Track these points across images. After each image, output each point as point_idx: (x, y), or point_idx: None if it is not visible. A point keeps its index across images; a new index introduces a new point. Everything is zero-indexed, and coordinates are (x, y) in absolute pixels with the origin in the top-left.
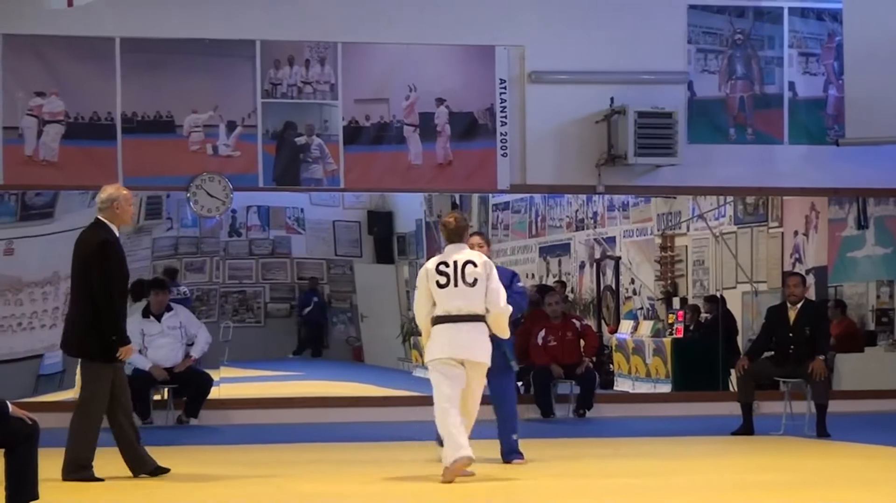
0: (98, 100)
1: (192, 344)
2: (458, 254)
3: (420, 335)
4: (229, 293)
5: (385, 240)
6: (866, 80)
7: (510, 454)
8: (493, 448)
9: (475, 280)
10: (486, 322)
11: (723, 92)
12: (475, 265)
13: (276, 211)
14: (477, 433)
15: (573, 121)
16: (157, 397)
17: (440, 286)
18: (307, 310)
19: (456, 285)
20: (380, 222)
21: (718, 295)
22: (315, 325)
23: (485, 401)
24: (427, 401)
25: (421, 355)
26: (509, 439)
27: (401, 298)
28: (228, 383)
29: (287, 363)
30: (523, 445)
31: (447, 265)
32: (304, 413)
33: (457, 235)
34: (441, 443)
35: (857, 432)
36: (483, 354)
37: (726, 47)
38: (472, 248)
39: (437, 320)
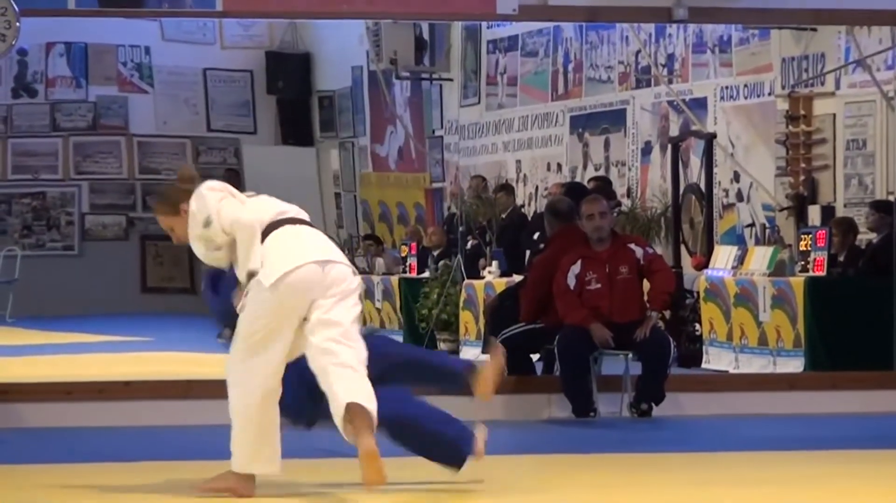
0: None
1: None
2: None
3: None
4: (15, 197)
5: (297, 103)
6: None
7: None
8: None
9: None
10: None
11: None
12: None
13: (101, 52)
14: None
15: None
16: None
17: None
18: None
19: None
20: (288, 73)
21: (893, 199)
22: None
23: None
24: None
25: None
26: None
27: (326, 206)
28: (13, 356)
29: (124, 322)
30: (533, 462)
31: None
32: (149, 407)
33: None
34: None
35: None
36: None
37: None
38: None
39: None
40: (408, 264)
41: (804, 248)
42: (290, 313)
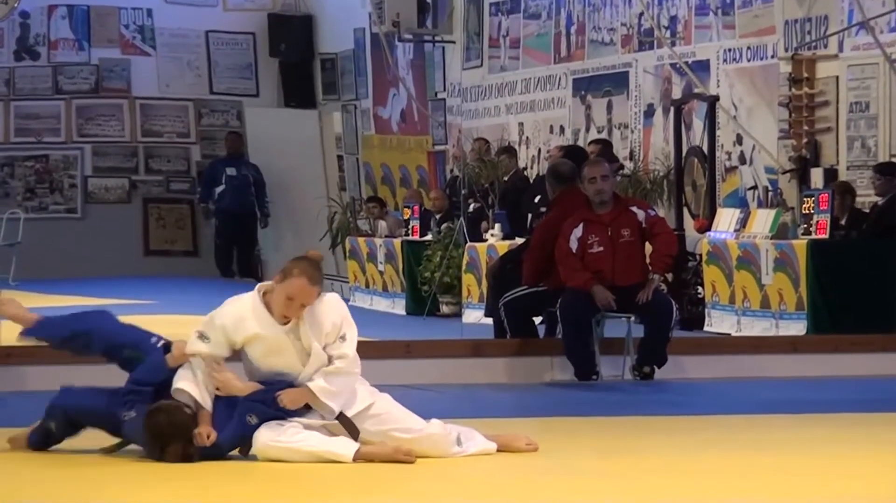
0: None
1: None
2: None
3: (359, 236)
4: (18, 160)
5: (300, 66)
6: None
7: None
8: None
9: None
10: None
11: None
12: None
13: (103, 14)
14: None
15: None
16: None
17: None
18: (219, 190)
19: None
20: (291, 35)
21: None
22: (236, 221)
23: None
24: (380, 350)
25: (363, 269)
26: None
27: (328, 169)
28: None
29: (126, 285)
30: (535, 425)
31: None
32: None
33: None
34: None
35: None
36: None
37: None
38: None
39: None
40: (410, 227)
41: (807, 211)
42: None
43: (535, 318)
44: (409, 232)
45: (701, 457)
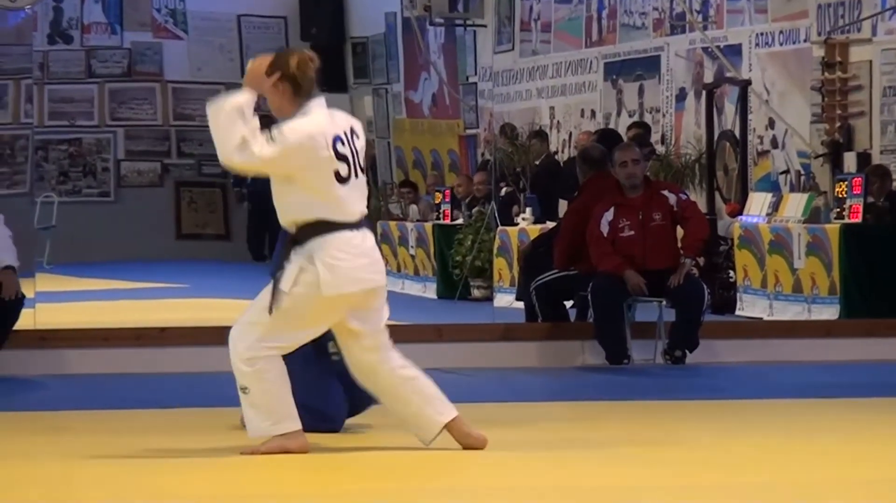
0: None
1: None
2: (340, 117)
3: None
4: (52, 143)
5: (331, 49)
6: None
7: None
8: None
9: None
10: None
11: None
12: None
13: None
14: None
15: None
16: None
17: (341, 179)
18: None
19: (356, 176)
20: (321, 19)
21: None
22: (269, 205)
23: None
24: (411, 334)
25: (394, 253)
26: None
27: None
28: (51, 303)
29: (159, 268)
30: (566, 409)
31: (343, 140)
32: (185, 354)
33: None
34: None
35: None
36: None
37: None
38: None
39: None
40: (441, 211)
41: (840, 195)
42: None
43: (566, 302)
44: (441, 216)
45: (734, 442)
